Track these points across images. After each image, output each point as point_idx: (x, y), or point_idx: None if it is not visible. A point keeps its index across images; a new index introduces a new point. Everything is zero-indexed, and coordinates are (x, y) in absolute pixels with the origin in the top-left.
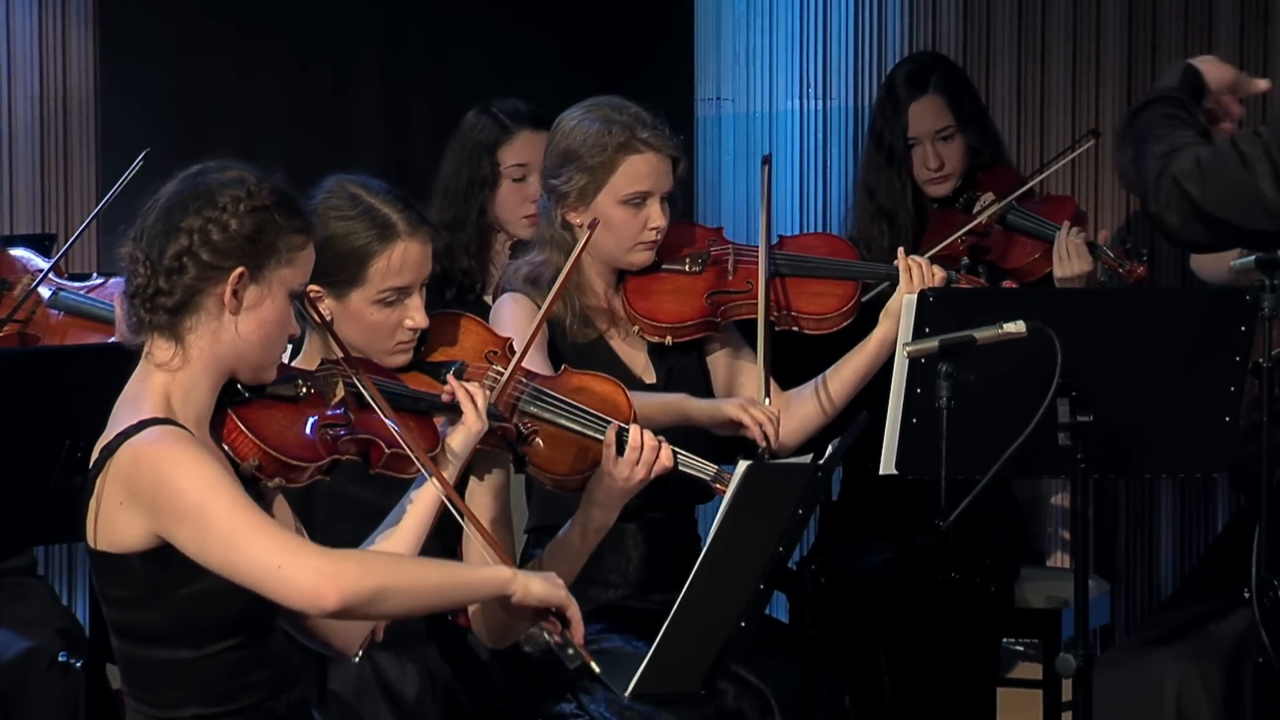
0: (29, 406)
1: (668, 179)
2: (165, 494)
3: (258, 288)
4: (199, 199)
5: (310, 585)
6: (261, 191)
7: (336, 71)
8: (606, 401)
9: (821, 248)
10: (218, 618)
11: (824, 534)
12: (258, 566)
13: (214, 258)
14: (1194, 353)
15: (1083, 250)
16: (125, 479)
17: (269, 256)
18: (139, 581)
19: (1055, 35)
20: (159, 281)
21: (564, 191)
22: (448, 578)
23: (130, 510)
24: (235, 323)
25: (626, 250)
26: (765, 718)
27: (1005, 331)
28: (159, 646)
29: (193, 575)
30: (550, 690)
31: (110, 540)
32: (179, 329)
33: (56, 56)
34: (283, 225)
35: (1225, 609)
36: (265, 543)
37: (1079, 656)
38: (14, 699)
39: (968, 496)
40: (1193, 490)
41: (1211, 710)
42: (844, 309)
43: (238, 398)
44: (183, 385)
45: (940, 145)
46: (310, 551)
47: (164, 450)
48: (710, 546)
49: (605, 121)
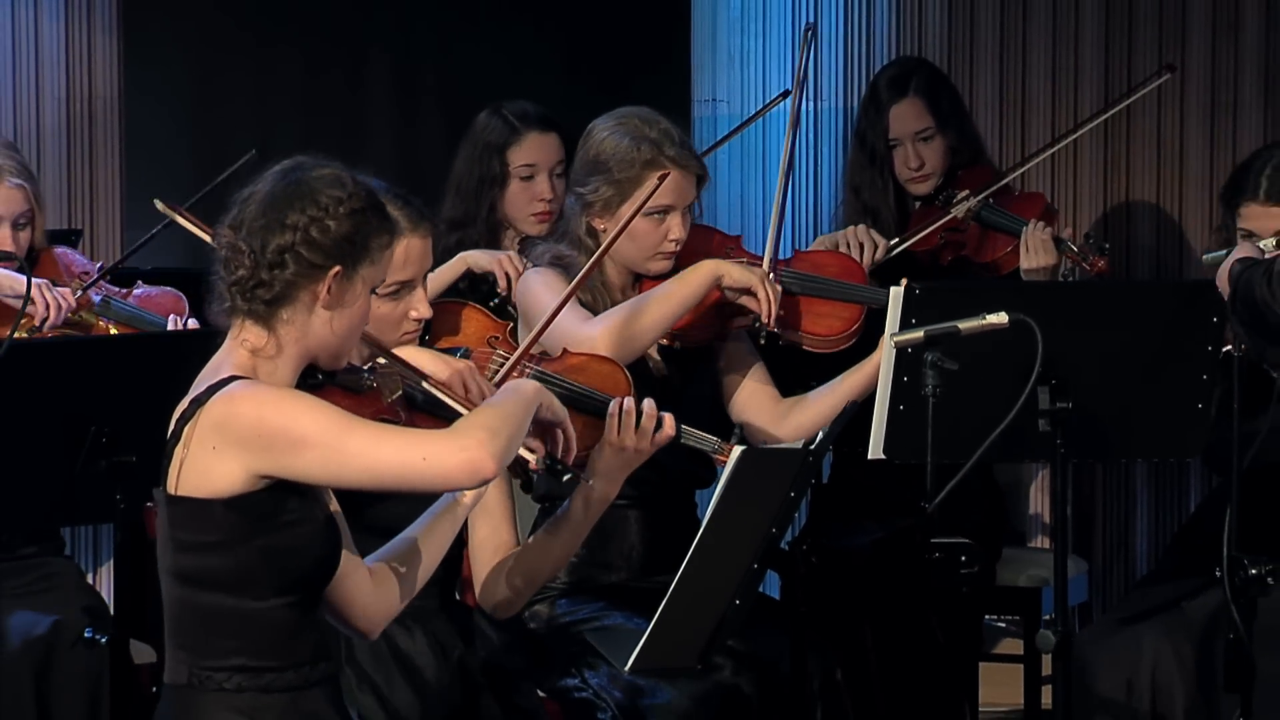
0: (57, 394)
1: (690, 193)
2: (275, 429)
3: (350, 285)
4: (302, 197)
5: (463, 461)
6: (359, 193)
7: (349, 73)
8: (607, 379)
9: (833, 267)
10: (282, 571)
11: (815, 516)
12: (402, 463)
13: (315, 256)
14: (1168, 343)
15: (1048, 244)
16: (220, 424)
17: (362, 256)
18: (217, 527)
19: (1035, 38)
20: (260, 274)
21: (590, 200)
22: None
23: (225, 454)
24: (329, 317)
25: (646, 259)
26: (759, 690)
27: (988, 322)
28: (222, 592)
29: (268, 527)
30: (554, 665)
31: (196, 485)
32: (273, 319)
33: (83, 60)
34: (375, 226)
35: (1198, 587)
36: (398, 442)
37: (1058, 633)
38: (43, 672)
39: (952, 480)
40: (1167, 474)
41: (1185, 684)
42: (847, 332)
43: (312, 380)
44: (270, 367)
45: (920, 146)
46: (441, 437)
47: (261, 393)
48: (706, 528)
49: (635, 137)
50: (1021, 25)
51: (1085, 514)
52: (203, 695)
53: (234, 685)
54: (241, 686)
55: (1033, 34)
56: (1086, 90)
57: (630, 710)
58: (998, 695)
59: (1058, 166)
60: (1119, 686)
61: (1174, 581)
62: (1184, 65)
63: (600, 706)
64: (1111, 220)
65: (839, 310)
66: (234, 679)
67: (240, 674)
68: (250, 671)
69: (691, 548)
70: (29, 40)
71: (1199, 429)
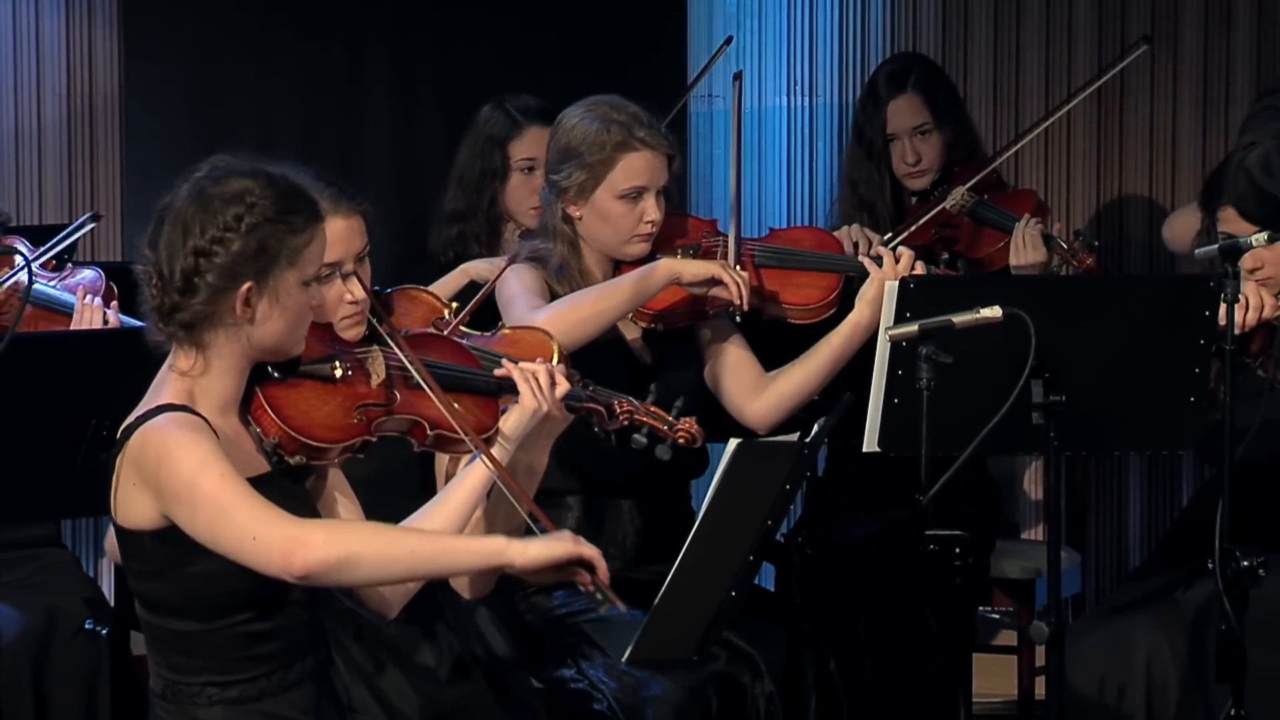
0: (58, 388)
1: (662, 175)
2: (165, 475)
3: (268, 294)
4: (204, 215)
5: (280, 553)
6: (263, 203)
7: (348, 67)
8: (536, 350)
9: (808, 241)
10: (226, 594)
11: (810, 508)
12: (236, 538)
13: (220, 279)
14: (1160, 336)
15: (1038, 241)
16: (136, 461)
17: (274, 263)
18: (151, 557)
19: (1029, 35)
20: (172, 298)
21: (564, 186)
22: (430, 547)
23: (141, 491)
24: (251, 332)
25: (623, 242)
26: (755, 681)
27: (982, 316)
28: (172, 618)
29: (200, 554)
30: (550, 656)
31: (125, 517)
32: (198, 340)
33: (83, 56)
34: (285, 232)
35: (1190, 578)
36: (244, 516)
37: (1051, 624)
38: (42, 663)
39: (946, 473)
40: (1159, 466)
41: (1178, 674)
42: (827, 300)
43: (267, 376)
44: (206, 383)
45: (917, 141)
46: (284, 521)
47: (166, 433)
48: (702, 520)
49: (604, 120)
50: (1015, 21)
51: (1078, 506)
52: (178, 707)
53: (205, 699)
54: (213, 700)
55: (1026, 30)
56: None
57: (626, 701)
58: (992, 686)
59: (1051, 160)
60: (1112, 677)
61: (1167, 573)
62: (1176, 60)
63: (596, 697)
64: (1104, 214)
65: (817, 280)
66: (205, 692)
67: (210, 687)
68: (218, 685)
69: (688, 540)
70: (30, 36)
71: (1191, 421)
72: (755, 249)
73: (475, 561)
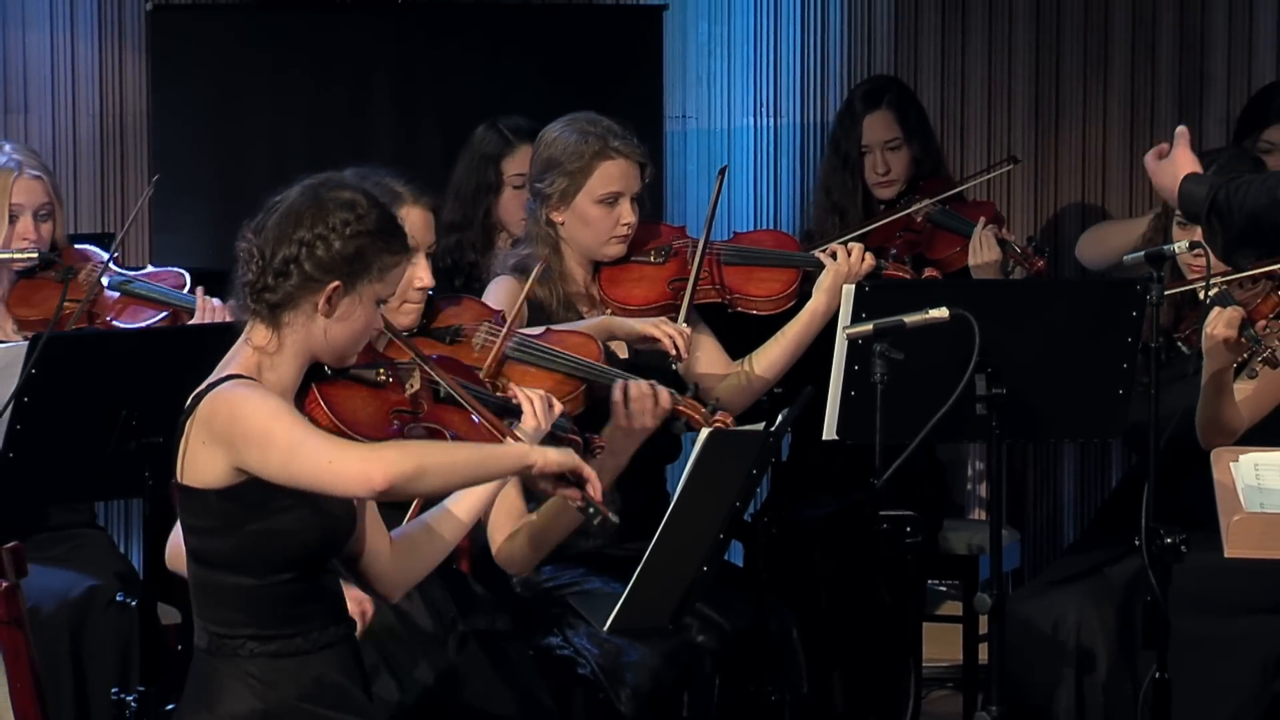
0: (92, 380)
1: (636, 181)
2: (238, 426)
3: (350, 299)
4: (315, 214)
5: (359, 471)
6: (369, 217)
7: (354, 93)
8: (580, 349)
9: (769, 241)
10: (279, 551)
11: (775, 491)
12: (312, 466)
13: (316, 271)
14: (1092, 335)
15: (993, 243)
16: (206, 421)
17: (363, 274)
18: (214, 514)
19: (973, 64)
20: (266, 279)
21: (547, 194)
22: (477, 455)
23: (210, 449)
24: (326, 326)
25: (602, 244)
26: (724, 648)
27: (930, 316)
28: (226, 572)
29: (261, 513)
30: (539, 626)
31: (193, 476)
32: (277, 320)
33: (114, 81)
34: (381, 248)
35: (1119, 555)
36: (317, 445)
37: (993, 596)
38: (78, 632)
39: (899, 459)
40: (1091, 453)
41: (1106, 641)
42: (787, 291)
43: (323, 374)
44: (272, 363)
45: (888, 154)
46: (355, 445)
47: (236, 392)
48: (677, 501)
49: (582, 133)
50: (960, 53)
51: (1018, 489)
52: (221, 660)
53: (247, 652)
54: (254, 653)
55: (970, 60)
56: (1019, 108)
57: (607, 666)
58: (939, 652)
59: (994, 187)
60: (1048, 644)
61: (1098, 549)
62: (1106, 85)
63: (580, 663)
64: (1042, 224)
65: (777, 274)
66: (247, 646)
67: (252, 641)
68: (260, 639)
69: (664, 520)
70: (66, 62)
71: (1119, 412)
72: (721, 250)
73: (511, 464)
